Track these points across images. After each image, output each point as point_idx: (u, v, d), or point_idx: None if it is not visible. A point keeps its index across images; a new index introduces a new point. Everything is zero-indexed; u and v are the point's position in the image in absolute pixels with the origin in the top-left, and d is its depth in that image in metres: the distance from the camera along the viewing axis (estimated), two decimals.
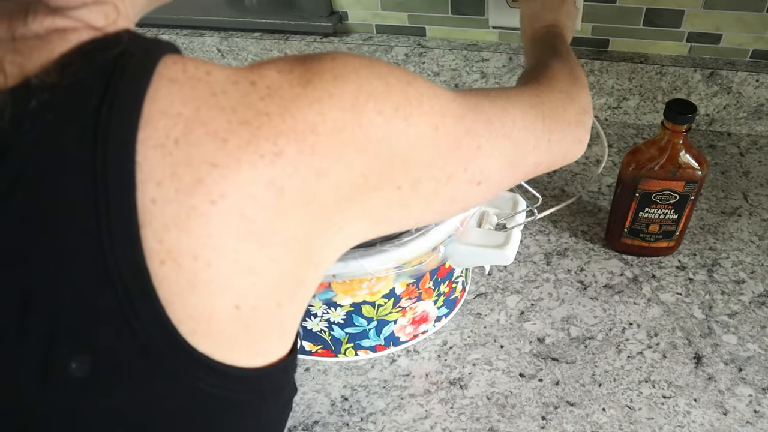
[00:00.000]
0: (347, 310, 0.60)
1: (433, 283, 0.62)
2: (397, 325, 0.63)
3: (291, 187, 0.28)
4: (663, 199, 0.67)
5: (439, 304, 0.65)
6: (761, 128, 0.91)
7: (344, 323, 0.61)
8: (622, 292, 0.70)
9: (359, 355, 0.65)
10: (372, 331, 0.62)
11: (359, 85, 0.30)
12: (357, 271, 0.54)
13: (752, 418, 0.57)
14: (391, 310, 0.61)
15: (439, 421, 0.60)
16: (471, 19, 0.97)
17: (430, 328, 0.67)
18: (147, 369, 0.27)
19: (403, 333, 0.65)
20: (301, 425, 0.60)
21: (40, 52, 0.27)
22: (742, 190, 0.83)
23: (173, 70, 0.28)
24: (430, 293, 0.63)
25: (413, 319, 0.64)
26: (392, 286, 0.59)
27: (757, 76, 0.86)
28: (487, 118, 0.37)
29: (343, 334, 0.62)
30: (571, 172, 0.88)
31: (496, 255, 0.59)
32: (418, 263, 0.57)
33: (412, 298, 0.61)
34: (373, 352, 0.65)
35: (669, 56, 0.91)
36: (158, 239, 0.26)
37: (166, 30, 1.14)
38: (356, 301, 0.59)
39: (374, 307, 0.60)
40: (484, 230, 0.61)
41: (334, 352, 0.65)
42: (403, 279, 0.59)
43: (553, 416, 0.59)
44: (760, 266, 0.72)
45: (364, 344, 0.64)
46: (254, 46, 1.09)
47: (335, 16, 1.04)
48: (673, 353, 0.63)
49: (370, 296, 0.59)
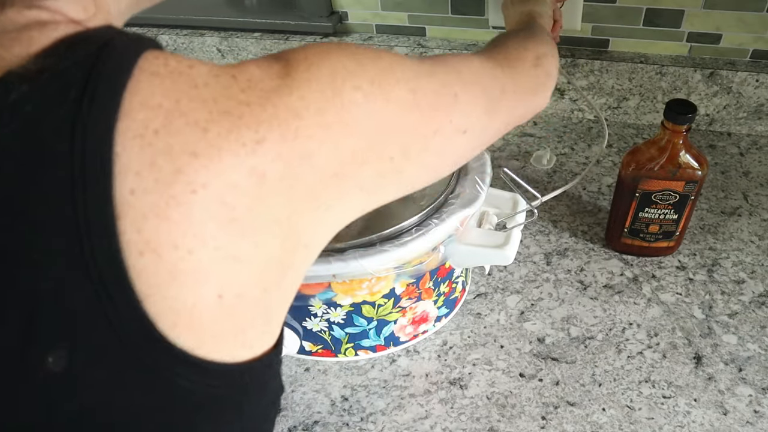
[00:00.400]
0: (347, 310, 0.60)
1: (433, 283, 0.62)
2: (397, 325, 0.63)
3: (273, 171, 0.28)
4: (663, 199, 0.67)
5: (439, 304, 0.65)
6: (761, 128, 0.91)
7: (344, 323, 0.61)
8: (622, 292, 0.70)
9: (359, 355, 0.65)
10: (372, 331, 0.62)
11: (333, 67, 0.31)
12: (357, 271, 0.54)
13: (752, 418, 0.57)
14: (391, 310, 0.61)
15: (439, 421, 0.60)
16: (471, 19, 0.97)
17: (430, 328, 0.67)
18: (124, 364, 0.27)
19: (403, 333, 0.65)
20: (301, 425, 0.60)
21: (20, 45, 0.27)
22: (742, 190, 0.83)
23: (155, 64, 0.28)
24: (430, 293, 0.63)
25: (413, 319, 0.64)
26: (392, 286, 0.59)
27: (757, 76, 0.86)
28: (456, 69, 0.39)
29: (343, 334, 0.62)
30: (571, 172, 0.88)
31: (496, 255, 0.59)
32: (418, 263, 0.57)
33: (412, 298, 0.61)
34: (373, 352, 0.65)
35: (669, 56, 0.91)
36: (137, 229, 0.26)
37: (166, 30, 1.14)
38: (356, 301, 0.59)
39: (374, 307, 0.60)
40: (484, 230, 0.61)
41: (334, 352, 0.65)
42: (404, 279, 0.59)
43: (553, 416, 0.59)
44: (760, 266, 0.72)
45: (364, 344, 0.64)
46: (254, 46, 1.09)
47: (335, 16, 1.04)
48: (673, 353, 0.63)
49: (370, 296, 0.59)
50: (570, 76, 0.94)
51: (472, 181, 0.59)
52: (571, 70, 0.94)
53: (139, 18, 1.19)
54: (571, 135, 0.95)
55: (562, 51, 0.94)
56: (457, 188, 0.59)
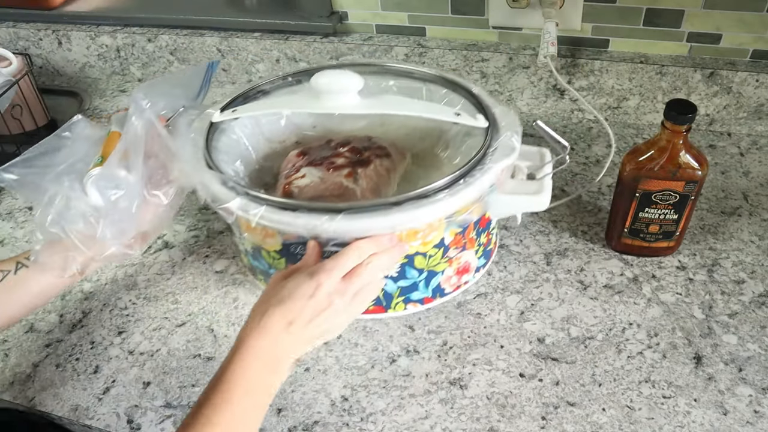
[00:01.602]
0: (401, 263, 0.62)
1: (475, 233, 0.65)
2: (444, 275, 0.66)
3: None
4: (663, 199, 0.67)
5: (479, 254, 0.68)
6: (761, 128, 0.91)
7: (397, 276, 0.63)
8: (622, 292, 0.70)
9: (408, 309, 0.67)
10: (422, 282, 0.65)
11: None
12: (413, 222, 0.57)
13: (752, 418, 0.57)
14: (440, 260, 0.64)
15: (439, 421, 0.60)
16: (471, 19, 0.97)
17: (470, 279, 0.69)
18: None
19: (448, 284, 0.67)
20: (301, 425, 0.60)
21: None
22: (742, 190, 0.83)
23: None
24: (472, 243, 0.66)
25: (458, 269, 0.66)
26: (443, 235, 0.61)
27: (757, 76, 0.86)
28: None
29: (395, 288, 0.64)
30: (571, 172, 0.88)
31: (532, 202, 0.64)
32: (465, 212, 0.60)
33: (458, 248, 0.64)
34: (421, 304, 0.67)
35: (669, 56, 0.91)
36: None
37: (166, 30, 1.14)
38: (410, 253, 0.61)
39: (426, 258, 0.62)
40: (519, 180, 0.65)
41: (385, 307, 0.66)
42: (453, 228, 0.62)
43: (553, 416, 0.59)
44: (760, 266, 0.72)
45: (414, 297, 0.66)
46: (254, 46, 1.09)
47: (335, 16, 1.04)
48: (673, 353, 0.63)
49: (422, 246, 0.61)
50: (570, 76, 0.95)
51: (505, 137, 0.64)
52: (571, 70, 0.94)
53: (139, 18, 1.19)
54: (571, 135, 0.95)
55: (562, 51, 0.94)
56: (493, 143, 0.63)
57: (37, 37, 1.22)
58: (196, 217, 0.87)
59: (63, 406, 0.65)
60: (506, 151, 0.62)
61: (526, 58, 0.95)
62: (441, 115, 0.66)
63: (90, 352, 0.70)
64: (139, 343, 0.70)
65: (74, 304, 0.76)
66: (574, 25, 0.92)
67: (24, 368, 0.69)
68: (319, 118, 0.79)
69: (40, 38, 1.22)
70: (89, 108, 1.17)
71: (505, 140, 0.63)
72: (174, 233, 0.85)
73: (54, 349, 0.71)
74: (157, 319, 0.73)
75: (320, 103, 0.66)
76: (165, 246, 0.83)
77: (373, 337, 0.68)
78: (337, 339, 0.68)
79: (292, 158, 0.72)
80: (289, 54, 1.07)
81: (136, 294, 0.76)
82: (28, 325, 0.74)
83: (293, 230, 0.58)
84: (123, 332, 0.72)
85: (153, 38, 1.14)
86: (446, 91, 0.73)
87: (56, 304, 0.76)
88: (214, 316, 0.72)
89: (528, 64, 0.96)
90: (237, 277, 0.77)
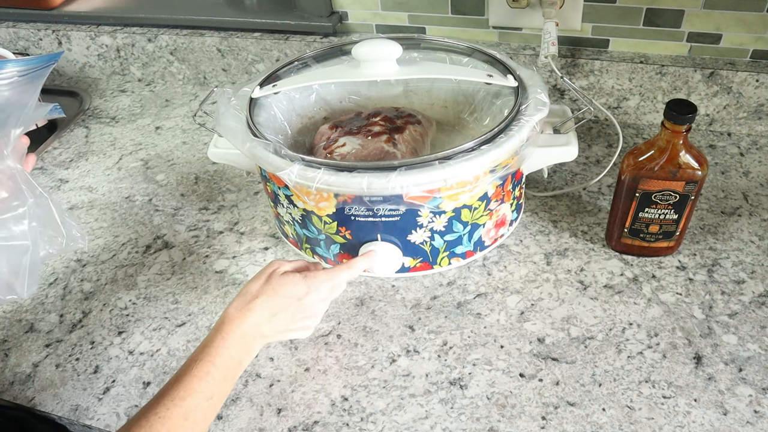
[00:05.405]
0: (449, 216, 0.65)
1: (511, 186, 0.70)
2: (485, 228, 0.70)
3: None
4: (663, 199, 0.67)
5: (513, 208, 0.73)
6: (761, 128, 0.91)
7: (444, 230, 0.66)
8: (622, 292, 0.70)
9: (452, 264, 0.71)
10: (466, 236, 0.69)
11: None
12: (463, 174, 0.60)
13: (752, 418, 0.57)
14: (482, 213, 0.67)
15: (439, 421, 0.60)
16: (471, 19, 0.97)
17: (505, 232, 0.74)
18: None
19: (488, 237, 0.71)
20: (301, 425, 0.60)
21: None
22: (742, 190, 0.83)
23: None
24: (509, 196, 0.70)
25: (496, 221, 0.71)
26: (487, 188, 0.65)
27: (757, 76, 0.86)
28: None
29: (441, 243, 0.68)
30: (571, 172, 0.88)
31: (563, 152, 0.70)
32: (506, 165, 0.64)
33: (498, 200, 0.68)
34: (464, 258, 0.71)
35: (669, 56, 0.91)
36: None
37: (166, 30, 1.14)
38: (458, 206, 0.64)
39: (471, 211, 0.66)
40: (549, 135, 0.71)
41: (431, 263, 0.70)
42: (495, 181, 0.65)
43: (553, 416, 0.59)
44: (760, 266, 0.72)
45: (458, 251, 0.70)
46: (254, 46, 1.09)
47: (335, 16, 1.04)
48: (673, 353, 0.63)
49: (470, 200, 0.65)
50: (570, 76, 0.95)
51: (536, 93, 0.68)
52: (571, 70, 0.94)
53: (139, 18, 1.19)
54: None
55: (561, 51, 0.94)
56: (523, 102, 0.68)
57: (37, 37, 1.22)
58: (196, 217, 0.87)
59: (63, 406, 0.65)
60: (538, 105, 0.67)
61: (526, 58, 0.95)
62: (475, 77, 0.72)
63: (90, 352, 0.70)
64: (139, 343, 0.70)
65: (74, 304, 0.76)
66: (574, 25, 0.92)
67: (24, 368, 0.69)
68: (346, 93, 0.85)
69: (40, 38, 1.22)
70: (89, 108, 1.17)
71: (536, 96, 0.68)
72: (174, 233, 0.85)
73: (54, 349, 0.71)
74: (157, 319, 0.73)
75: (360, 71, 0.69)
76: (165, 246, 0.83)
77: (373, 337, 0.68)
78: (337, 339, 0.68)
79: (325, 131, 0.77)
80: (289, 54, 1.07)
81: (136, 294, 0.76)
82: (28, 325, 0.74)
83: (351, 191, 0.61)
84: (123, 332, 0.72)
85: (153, 38, 1.14)
86: (468, 59, 0.79)
87: (56, 304, 0.76)
88: (214, 316, 0.72)
89: (528, 64, 0.96)
90: (237, 277, 0.77)
